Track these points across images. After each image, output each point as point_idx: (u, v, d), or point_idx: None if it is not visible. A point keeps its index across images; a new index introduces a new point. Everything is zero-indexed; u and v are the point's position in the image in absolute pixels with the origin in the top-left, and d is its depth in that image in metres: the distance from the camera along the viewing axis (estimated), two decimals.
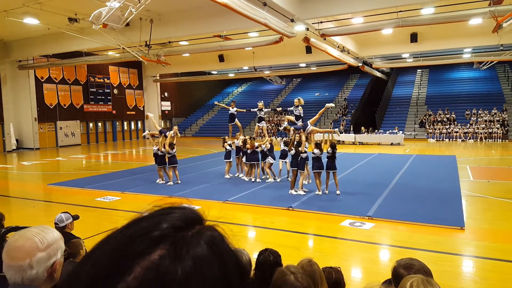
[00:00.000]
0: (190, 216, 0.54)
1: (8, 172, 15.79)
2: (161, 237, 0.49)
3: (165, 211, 0.54)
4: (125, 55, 18.95)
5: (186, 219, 0.53)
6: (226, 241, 0.54)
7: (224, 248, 0.52)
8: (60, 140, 26.09)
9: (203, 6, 14.46)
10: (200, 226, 0.53)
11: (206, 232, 0.52)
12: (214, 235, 0.53)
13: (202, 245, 0.50)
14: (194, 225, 0.52)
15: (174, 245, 0.48)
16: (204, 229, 0.53)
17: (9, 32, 19.74)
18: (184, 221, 0.52)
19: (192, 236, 0.50)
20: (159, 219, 0.52)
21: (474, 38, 19.59)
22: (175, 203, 0.58)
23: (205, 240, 0.50)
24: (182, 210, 0.55)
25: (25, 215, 8.54)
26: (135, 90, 32.73)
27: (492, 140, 23.47)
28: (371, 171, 13.29)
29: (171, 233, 0.50)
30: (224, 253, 0.52)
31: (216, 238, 0.52)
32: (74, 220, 4.16)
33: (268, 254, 2.58)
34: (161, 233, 0.49)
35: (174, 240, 0.49)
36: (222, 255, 0.51)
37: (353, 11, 13.35)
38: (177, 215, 0.53)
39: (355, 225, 7.15)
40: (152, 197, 9.87)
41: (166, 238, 0.49)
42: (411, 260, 2.00)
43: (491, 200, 9.03)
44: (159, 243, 0.48)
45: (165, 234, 0.49)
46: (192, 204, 2.50)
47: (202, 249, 0.49)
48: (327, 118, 30.18)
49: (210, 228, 0.54)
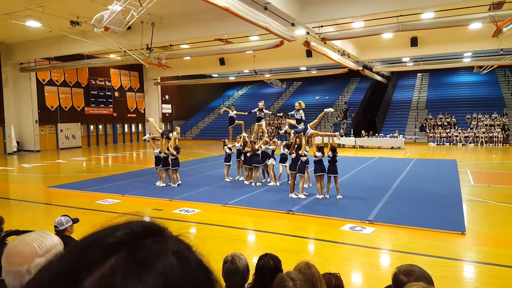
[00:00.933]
0: (149, 225, 0.50)
1: (8, 174, 15.78)
2: (117, 244, 0.45)
3: (124, 222, 0.50)
4: (126, 58, 19.00)
5: (145, 226, 0.49)
6: (194, 252, 0.50)
7: (193, 259, 0.48)
8: (60, 142, 26.11)
9: (204, 10, 14.51)
10: (161, 236, 0.49)
11: (171, 242, 0.48)
12: (181, 246, 0.49)
13: (169, 257, 0.45)
14: (154, 235, 0.48)
15: (132, 253, 0.44)
16: (168, 239, 0.49)
17: (11, 35, 19.81)
18: (143, 229, 0.48)
19: (154, 244, 0.46)
20: (116, 227, 0.48)
21: (474, 42, 19.62)
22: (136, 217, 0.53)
23: (172, 251, 0.46)
24: (141, 221, 0.51)
25: (25, 218, 8.53)
26: (136, 92, 32.78)
27: (493, 145, 23.46)
28: (372, 175, 13.27)
29: (129, 239, 0.46)
30: (194, 265, 0.48)
31: (183, 249, 0.49)
32: (74, 223, 4.15)
33: (268, 259, 2.57)
34: (117, 240, 0.45)
35: (133, 248, 0.45)
36: (192, 268, 0.47)
37: (353, 16, 13.39)
38: (136, 224, 0.49)
39: (355, 229, 7.13)
40: (152, 200, 9.87)
41: (122, 245, 0.45)
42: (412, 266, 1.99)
43: (492, 205, 9.01)
44: (115, 250, 0.44)
45: (121, 240, 0.45)
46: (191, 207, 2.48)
47: (169, 261, 0.45)
48: (327, 122, 30.18)
49: (175, 238, 0.50)
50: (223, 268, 2.47)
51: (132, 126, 32.51)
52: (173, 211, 8.70)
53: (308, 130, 10.28)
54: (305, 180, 10.15)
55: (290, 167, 9.94)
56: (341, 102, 33.09)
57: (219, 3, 9.73)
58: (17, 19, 15.28)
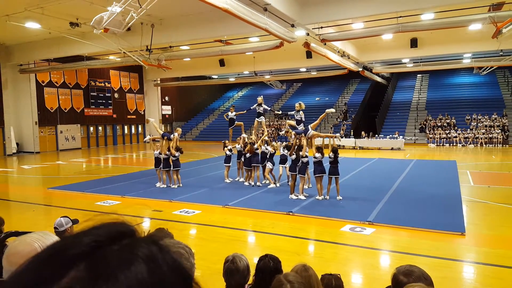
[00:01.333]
0: (116, 229, 0.45)
1: (8, 176, 15.78)
2: (74, 256, 0.40)
3: (89, 228, 0.45)
4: (126, 59, 19.01)
5: (110, 232, 0.44)
6: (168, 254, 0.45)
7: (166, 264, 0.43)
8: (60, 144, 26.10)
9: (204, 11, 14.52)
10: (129, 239, 0.44)
11: (141, 246, 0.43)
12: (153, 249, 0.44)
13: (138, 264, 0.41)
14: (120, 239, 0.43)
15: (93, 265, 0.40)
16: (138, 243, 0.44)
17: (10, 36, 19.81)
18: (108, 235, 0.43)
19: (120, 251, 0.42)
20: (79, 235, 0.43)
21: (474, 43, 19.64)
22: (110, 218, 0.48)
23: (142, 257, 0.42)
24: (109, 224, 0.46)
25: (25, 219, 8.52)
26: (136, 94, 32.79)
27: (493, 145, 23.46)
28: (372, 176, 13.27)
29: (88, 250, 0.41)
30: (167, 271, 0.43)
31: (155, 253, 0.43)
32: (74, 225, 4.14)
33: (268, 260, 2.57)
34: (76, 251, 0.41)
35: (94, 258, 0.40)
36: (164, 274, 0.42)
37: (353, 17, 13.39)
38: (102, 229, 0.44)
39: (355, 230, 7.13)
40: (152, 201, 9.86)
41: (82, 256, 0.40)
42: (411, 267, 1.99)
43: (491, 205, 9.01)
44: (74, 264, 0.40)
45: (81, 251, 0.41)
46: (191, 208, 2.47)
47: (138, 269, 0.40)
48: (327, 123, 30.18)
49: (145, 241, 0.45)
50: (224, 267, 2.48)
51: (132, 127, 32.51)
52: (173, 212, 8.69)
53: (309, 131, 10.28)
54: (305, 181, 10.14)
55: (290, 168, 9.94)
56: (341, 103, 33.11)
57: (219, 4, 9.74)
58: (17, 20, 15.29)
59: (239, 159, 12.28)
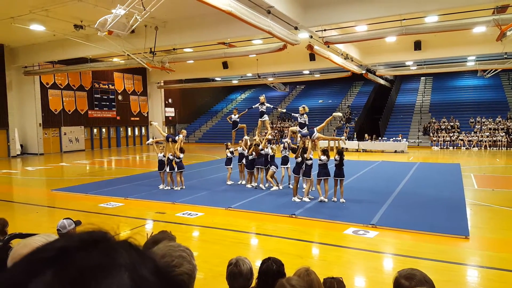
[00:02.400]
0: (89, 234, 0.44)
1: (12, 177, 15.85)
2: (41, 261, 0.39)
3: (65, 234, 0.45)
4: (130, 61, 19.09)
5: (81, 237, 0.42)
6: (149, 259, 0.44)
7: (148, 270, 0.42)
8: (64, 145, 26.21)
9: (207, 14, 14.56)
10: (104, 244, 0.42)
11: (118, 251, 0.42)
12: (132, 255, 0.42)
13: (120, 274, 0.39)
14: (94, 245, 0.42)
15: (59, 271, 0.38)
16: (114, 248, 0.42)
17: (15, 38, 19.96)
18: (79, 240, 0.42)
19: (96, 256, 0.40)
20: (53, 242, 0.42)
21: (478, 46, 19.58)
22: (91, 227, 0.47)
23: (124, 266, 0.40)
24: (84, 231, 0.45)
25: (28, 221, 8.55)
26: (140, 96, 32.90)
27: (497, 148, 23.35)
28: (375, 178, 13.23)
29: (54, 254, 0.40)
30: (149, 278, 0.42)
31: (135, 259, 0.42)
32: (77, 226, 4.15)
33: (271, 263, 2.57)
34: (42, 256, 0.40)
35: (60, 264, 0.39)
36: (148, 282, 0.41)
37: (356, 19, 13.40)
38: (75, 235, 0.43)
39: (358, 233, 7.10)
40: (155, 203, 9.87)
41: (47, 262, 0.39)
42: (413, 270, 1.99)
43: (496, 209, 8.96)
44: (39, 271, 0.38)
45: (46, 257, 0.39)
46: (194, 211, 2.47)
47: (120, 280, 0.39)
48: (331, 125, 30.14)
49: (122, 245, 0.43)
50: (227, 270, 2.48)
51: (135, 129, 32.61)
52: (176, 214, 8.70)
53: (314, 134, 10.27)
54: (311, 183, 10.08)
55: (294, 170, 9.91)
56: (344, 105, 33.07)
57: (222, 7, 9.77)
58: (21, 22, 15.40)
59: (240, 161, 12.25)
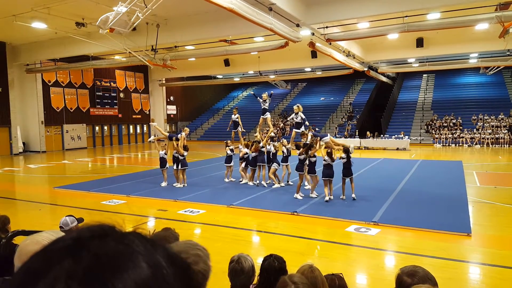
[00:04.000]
0: (99, 225, 0.46)
1: (14, 175, 15.90)
2: (59, 250, 0.41)
3: (78, 228, 0.46)
4: (131, 59, 19.09)
5: (92, 228, 0.45)
6: (161, 249, 0.46)
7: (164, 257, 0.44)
8: (66, 143, 26.27)
9: (209, 11, 14.55)
10: (113, 235, 0.45)
11: (123, 237, 0.44)
12: (147, 246, 0.44)
13: (139, 262, 0.41)
14: (104, 235, 0.44)
15: (76, 259, 0.40)
16: (128, 237, 0.45)
17: (17, 36, 19.98)
18: (89, 229, 0.44)
19: (101, 244, 0.42)
20: (65, 235, 0.45)
21: (480, 43, 19.50)
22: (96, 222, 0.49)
23: (140, 253, 0.42)
24: (94, 223, 0.47)
25: (30, 218, 8.58)
26: (141, 94, 32.92)
27: (499, 146, 23.28)
28: (377, 176, 13.22)
29: (71, 243, 0.42)
30: (164, 262, 0.44)
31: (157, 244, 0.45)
32: (79, 223, 4.17)
33: (273, 260, 2.57)
34: (59, 246, 0.42)
35: (76, 252, 0.41)
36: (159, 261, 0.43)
37: (358, 16, 13.35)
38: (86, 227, 0.45)
39: (360, 230, 7.10)
40: (157, 200, 9.89)
41: (64, 251, 0.41)
42: (415, 267, 1.99)
43: (498, 206, 8.94)
44: (58, 258, 0.40)
45: (63, 246, 0.42)
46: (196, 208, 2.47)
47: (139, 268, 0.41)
48: (332, 123, 30.12)
49: (128, 233, 0.46)
50: (229, 267, 2.48)
51: (137, 127, 32.65)
52: (178, 211, 8.72)
53: (326, 137, 10.28)
54: (317, 180, 9.96)
55: (297, 167, 9.90)
56: (346, 103, 33.03)
57: (224, 4, 9.76)
58: (23, 20, 15.41)
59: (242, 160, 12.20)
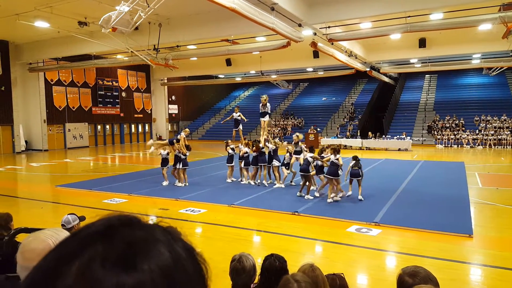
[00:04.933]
0: (125, 215, 0.50)
1: (17, 173, 15.95)
2: (91, 234, 0.45)
3: (104, 217, 0.50)
4: (133, 58, 19.11)
5: (121, 218, 0.49)
6: (184, 241, 0.50)
7: (182, 249, 0.48)
8: (68, 142, 26.33)
9: (211, 11, 14.55)
10: (139, 224, 0.49)
11: (155, 230, 0.48)
12: (166, 234, 0.48)
13: (160, 247, 0.45)
14: (131, 224, 0.48)
15: (107, 242, 0.44)
16: (146, 225, 0.48)
17: (20, 35, 20.03)
18: (119, 219, 0.48)
19: (131, 231, 0.46)
20: (93, 222, 0.49)
21: (483, 43, 19.45)
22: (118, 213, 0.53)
23: (162, 241, 0.46)
24: (120, 213, 0.51)
25: (33, 216, 8.61)
26: (143, 93, 32.97)
27: (502, 147, 23.21)
28: (378, 176, 13.20)
29: (103, 229, 0.46)
30: (183, 254, 0.48)
31: (171, 236, 0.48)
32: (81, 222, 4.18)
33: (274, 259, 2.57)
34: (91, 231, 0.46)
35: (108, 237, 0.45)
36: (178, 252, 0.47)
37: (361, 16, 13.34)
38: (113, 216, 0.49)
39: (361, 231, 7.10)
40: (158, 199, 9.91)
41: (97, 235, 0.45)
42: (416, 268, 1.98)
43: (500, 207, 8.92)
44: (91, 242, 0.45)
45: (96, 231, 0.46)
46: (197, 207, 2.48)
47: (161, 251, 0.45)
48: (334, 123, 30.09)
49: (153, 224, 0.50)
50: (230, 266, 2.48)
51: (139, 126, 32.71)
52: (179, 211, 8.73)
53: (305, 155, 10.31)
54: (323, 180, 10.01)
55: (301, 169, 9.92)
56: (348, 103, 32.98)
57: (226, 3, 9.76)
58: (26, 19, 15.45)
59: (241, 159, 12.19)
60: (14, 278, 1.33)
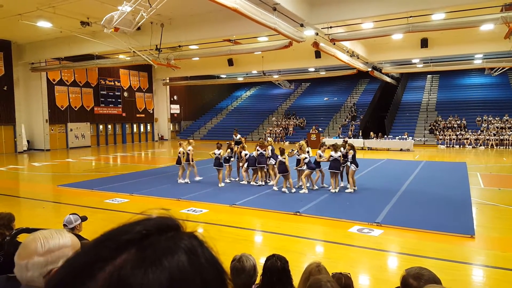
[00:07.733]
0: (164, 222, 0.52)
1: (19, 172, 15.99)
2: (127, 241, 0.47)
3: (141, 220, 0.52)
4: (135, 58, 19.14)
5: (159, 224, 0.51)
6: (207, 250, 0.51)
7: (204, 257, 0.49)
8: (70, 141, 26.39)
9: (213, 11, 14.56)
10: (175, 232, 0.51)
11: (182, 239, 0.50)
12: (193, 243, 0.50)
13: (179, 254, 0.47)
14: (167, 231, 0.50)
15: (141, 250, 0.46)
16: (180, 236, 0.50)
17: (22, 35, 20.08)
18: (157, 226, 0.50)
19: (165, 241, 0.48)
20: (131, 225, 0.50)
21: (485, 44, 19.40)
22: (160, 213, 0.56)
23: (184, 249, 0.48)
24: (158, 218, 0.53)
25: (34, 216, 8.63)
26: (145, 93, 33.01)
27: (504, 147, 23.14)
28: (380, 177, 13.18)
29: (139, 237, 0.48)
30: (205, 263, 0.49)
31: (196, 246, 0.50)
32: (83, 221, 4.19)
33: (276, 259, 2.57)
34: (128, 238, 0.48)
35: (142, 245, 0.47)
36: (202, 266, 0.48)
37: (363, 16, 13.32)
38: (152, 221, 0.51)
39: (363, 231, 7.09)
40: (160, 199, 9.92)
41: (133, 242, 0.47)
42: (421, 270, 1.96)
43: (502, 208, 8.89)
44: (126, 247, 0.47)
45: (132, 238, 0.48)
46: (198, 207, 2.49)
47: (178, 258, 0.47)
48: (336, 123, 30.06)
49: (188, 235, 0.51)
50: (230, 265, 2.48)
51: (141, 126, 32.75)
52: (180, 210, 8.73)
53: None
54: (320, 174, 10.98)
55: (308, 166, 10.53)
56: (350, 103, 32.95)
57: (228, 3, 9.76)
58: (29, 19, 15.49)
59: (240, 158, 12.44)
60: (15, 278, 1.33)
